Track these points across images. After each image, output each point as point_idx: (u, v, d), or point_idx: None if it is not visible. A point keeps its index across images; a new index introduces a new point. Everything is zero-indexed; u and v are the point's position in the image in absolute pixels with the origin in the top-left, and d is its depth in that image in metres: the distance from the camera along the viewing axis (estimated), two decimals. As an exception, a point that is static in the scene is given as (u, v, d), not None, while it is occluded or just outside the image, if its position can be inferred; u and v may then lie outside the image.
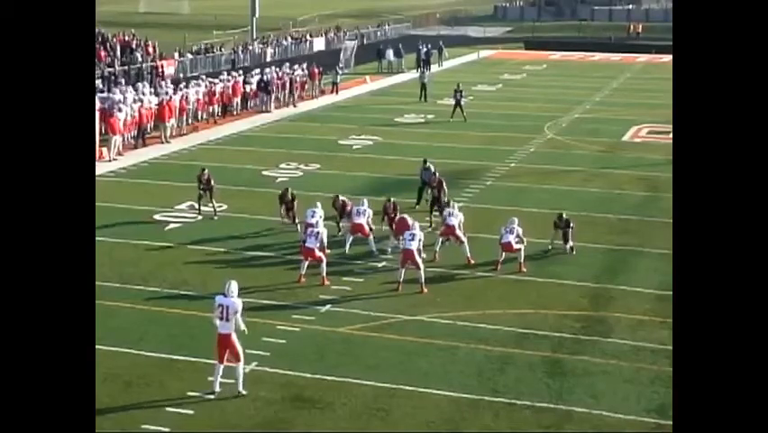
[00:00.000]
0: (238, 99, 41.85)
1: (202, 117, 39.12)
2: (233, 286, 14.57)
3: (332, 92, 48.11)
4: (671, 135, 38.35)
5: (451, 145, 34.48)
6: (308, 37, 69.35)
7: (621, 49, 76.63)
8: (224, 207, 25.35)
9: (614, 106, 46.40)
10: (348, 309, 18.22)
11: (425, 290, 19.17)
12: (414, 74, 56.68)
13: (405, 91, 50.44)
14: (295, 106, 44.16)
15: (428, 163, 25.66)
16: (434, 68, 58.16)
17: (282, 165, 31.08)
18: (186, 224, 24.05)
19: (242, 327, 14.55)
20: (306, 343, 16.56)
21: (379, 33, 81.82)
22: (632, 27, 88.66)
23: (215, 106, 39.89)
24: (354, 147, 34.92)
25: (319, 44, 69.19)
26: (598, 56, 72.84)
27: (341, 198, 23.15)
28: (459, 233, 21.38)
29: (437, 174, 24.94)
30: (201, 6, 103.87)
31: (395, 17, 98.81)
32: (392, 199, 22.70)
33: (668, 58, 70.87)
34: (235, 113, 41.14)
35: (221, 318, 14.48)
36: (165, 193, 27.04)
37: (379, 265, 20.80)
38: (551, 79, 57.52)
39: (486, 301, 18.79)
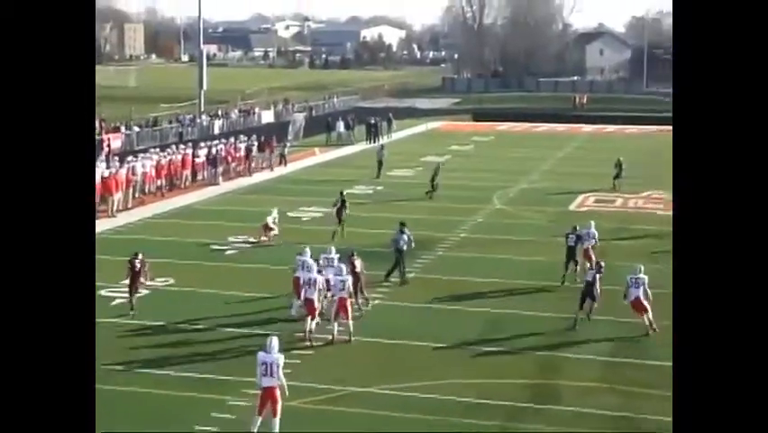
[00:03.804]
0: (187, 172, 41.67)
1: (149, 190, 38.84)
2: (275, 342, 15.41)
3: (280, 164, 48.13)
4: (616, 204, 38.86)
5: (400, 216, 34.27)
6: (257, 110, 69.58)
7: (567, 119, 77.82)
8: (171, 281, 24.98)
9: (561, 176, 46.91)
10: (297, 382, 17.89)
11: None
12: (363, 146, 56.98)
13: (354, 163, 50.63)
14: (250, 175, 44.47)
15: (405, 228, 25.52)
16: (384, 139, 58.53)
17: (231, 238, 30.81)
18: (125, 302, 23.43)
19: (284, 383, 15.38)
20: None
21: (327, 106, 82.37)
22: (577, 98, 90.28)
23: (162, 180, 39.63)
24: (303, 219, 34.80)
25: (268, 117, 69.43)
26: (544, 126, 73.90)
27: None
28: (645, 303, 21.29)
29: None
30: (148, 79, 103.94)
31: (343, 89, 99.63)
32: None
33: (612, 128, 72.20)
34: (183, 186, 40.93)
35: (265, 375, 15.14)
36: (108, 269, 26.41)
37: (329, 337, 20.52)
38: (498, 150, 58.14)
39: (434, 371, 18.62)
